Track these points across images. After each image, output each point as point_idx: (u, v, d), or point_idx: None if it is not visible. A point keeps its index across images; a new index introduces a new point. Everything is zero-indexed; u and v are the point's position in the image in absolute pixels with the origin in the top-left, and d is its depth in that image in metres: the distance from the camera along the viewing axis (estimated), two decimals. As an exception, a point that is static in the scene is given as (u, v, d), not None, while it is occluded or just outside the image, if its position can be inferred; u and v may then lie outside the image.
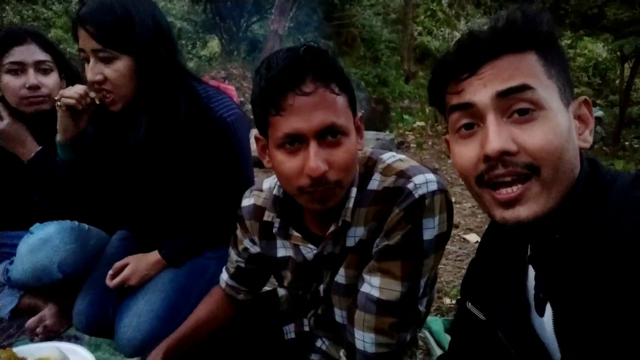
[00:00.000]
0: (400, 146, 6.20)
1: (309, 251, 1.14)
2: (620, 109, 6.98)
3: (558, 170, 0.70)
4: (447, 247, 0.82)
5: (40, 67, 1.63)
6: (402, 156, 1.11)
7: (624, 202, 0.68)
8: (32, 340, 1.58)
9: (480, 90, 0.73)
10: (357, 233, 1.08)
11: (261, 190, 1.25)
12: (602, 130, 6.84)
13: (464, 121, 0.77)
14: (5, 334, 1.60)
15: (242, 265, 1.32)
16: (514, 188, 0.71)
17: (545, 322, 0.79)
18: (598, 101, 10.14)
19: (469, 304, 0.94)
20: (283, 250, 1.21)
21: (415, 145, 6.41)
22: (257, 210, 1.23)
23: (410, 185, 1.00)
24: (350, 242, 1.09)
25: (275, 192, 1.16)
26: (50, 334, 1.61)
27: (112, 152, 1.54)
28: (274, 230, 1.16)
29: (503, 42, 0.73)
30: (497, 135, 0.70)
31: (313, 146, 0.92)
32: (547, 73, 0.73)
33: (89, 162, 1.54)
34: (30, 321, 1.60)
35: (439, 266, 2.61)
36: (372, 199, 1.05)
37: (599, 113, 6.97)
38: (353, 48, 10.84)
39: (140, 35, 1.34)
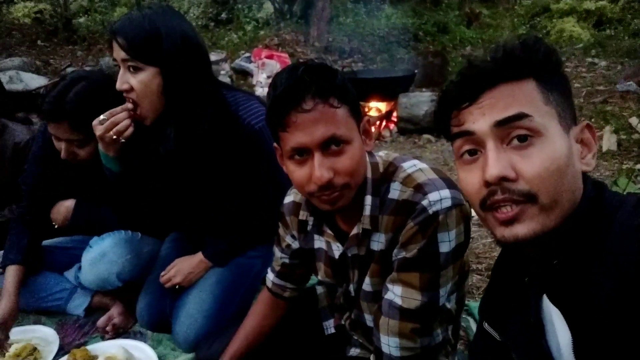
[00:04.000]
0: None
1: (336, 249, 1.21)
2: None
3: (556, 196, 0.72)
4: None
5: (71, 144, 1.65)
6: (423, 165, 1.13)
7: (626, 231, 0.68)
8: (103, 338, 1.77)
9: (479, 119, 0.75)
10: (380, 239, 1.13)
11: None
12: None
13: (467, 147, 0.79)
14: (81, 332, 1.80)
15: (287, 261, 1.39)
16: (512, 207, 0.73)
17: (561, 344, 0.79)
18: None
19: (485, 324, 0.97)
20: (319, 242, 1.28)
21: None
22: (296, 207, 1.31)
23: (425, 202, 1.03)
24: (375, 245, 1.14)
25: None
26: (119, 331, 1.80)
27: (146, 164, 1.61)
28: (309, 228, 1.24)
29: (500, 71, 0.75)
30: (496, 162, 0.72)
31: (317, 157, 1.00)
32: (545, 99, 0.74)
33: (134, 172, 1.63)
34: (101, 320, 1.80)
35: (490, 240, 2.56)
36: (393, 209, 1.09)
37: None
38: (412, -7, 10.26)
39: (167, 50, 1.39)
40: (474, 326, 1.69)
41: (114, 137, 1.45)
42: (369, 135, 1.10)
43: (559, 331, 0.78)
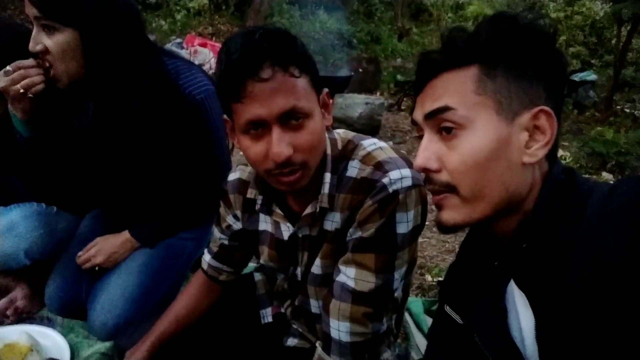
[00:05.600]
0: (391, 108, 6.09)
1: (286, 229, 1.15)
2: (615, 71, 6.87)
3: (478, 188, 0.72)
4: (433, 219, 0.90)
5: None
6: (383, 144, 1.10)
7: (599, 218, 0.67)
8: (2, 323, 1.55)
9: (418, 110, 0.79)
10: (335, 218, 1.08)
11: (246, 165, 1.24)
12: (594, 95, 6.74)
13: (417, 134, 0.82)
14: (-25, 317, 1.56)
15: (226, 242, 1.30)
16: (437, 195, 0.77)
17: (524, 329, 0.78)
18: (593, 61, 9.99)
19: (447, 307, 0.95)
20: (264, 224, 1.21)
21: (405, 107, 6.30)
22: (242, 184, 1.22)
23: (385, 180, 1.00)
24: (328, 225, 1.09)
25: None
26: (22, 316, 1.58)
27: (62, 133, 1.45)
28: (257, 207, 1.16)
29: (443, 61, 0.76)
30: (421, 153, 0.76)
31: (276, 131, 0.92)
32: (481, 88, 0.72)
33: (49, 139, 1.45)
34: (1, 303, 1.57)
35: (422, 239, 2.60)
36: (351, 187, 1.05)
37: (592, 77, 6.83)
38: (346, 3, 10.52)
39: (86, 9, 1.23)
40: (409, 319, 1.69)
41: (22, 91, 1.26)
42: (327, 109, 1.04)
43: (521, 316, 0.78)
